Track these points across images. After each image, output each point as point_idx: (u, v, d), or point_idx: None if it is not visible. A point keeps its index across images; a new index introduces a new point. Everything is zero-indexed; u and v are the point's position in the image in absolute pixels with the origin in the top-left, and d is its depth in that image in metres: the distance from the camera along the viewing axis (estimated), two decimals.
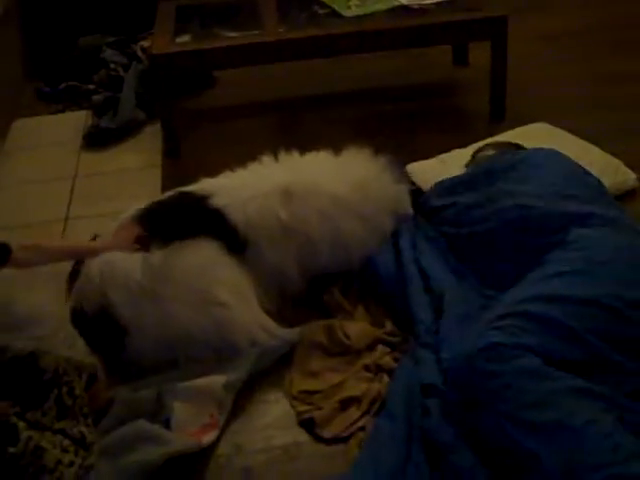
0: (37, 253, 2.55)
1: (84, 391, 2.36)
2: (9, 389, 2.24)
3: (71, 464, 2.17)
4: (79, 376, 2.37)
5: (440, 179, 3.14)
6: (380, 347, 2.61)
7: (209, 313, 2.59)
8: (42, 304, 2.67)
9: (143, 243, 2.67)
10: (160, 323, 2.57)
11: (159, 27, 4.05)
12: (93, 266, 2.65)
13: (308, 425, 2.39)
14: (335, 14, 4.00)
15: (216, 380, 2.49)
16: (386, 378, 2.49)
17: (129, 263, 2.63)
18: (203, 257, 2.66)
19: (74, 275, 2.73)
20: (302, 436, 2.35)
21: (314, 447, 2.31)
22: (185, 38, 4.01)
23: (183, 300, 2.59)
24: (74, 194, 3.75)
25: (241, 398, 2.49)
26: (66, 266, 2.78)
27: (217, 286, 2.63)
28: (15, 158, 4.13)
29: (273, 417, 2.43)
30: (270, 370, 2.59)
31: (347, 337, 2.64)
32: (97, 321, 2.59)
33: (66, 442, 2.21)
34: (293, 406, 2.47)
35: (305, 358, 2.62)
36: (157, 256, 2.63)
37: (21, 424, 2.15)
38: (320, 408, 2.42)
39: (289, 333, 2.66)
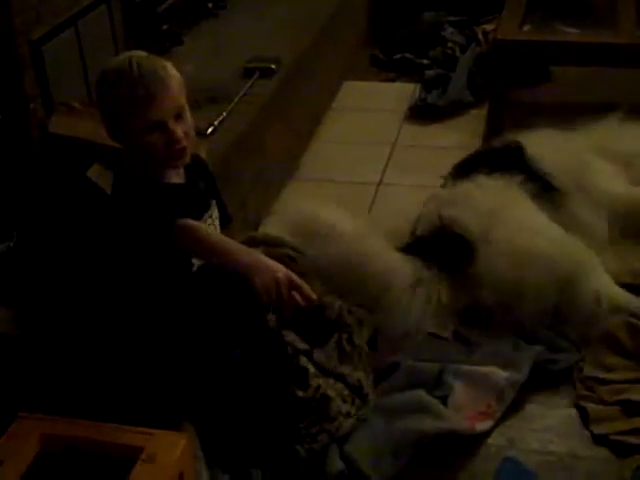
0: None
1: (365, 344, 2.41)
2: (298, 325, 2.31)
3: (348, 414, 2.23)
4: (359, 326, 2.43)
5: None
6: None
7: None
8: None
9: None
10: (512, 236, 2.60)
11: (507, 13, 4.01)
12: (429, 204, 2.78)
13: (582, 413, 2.34)
14: None
15: (499, 372, 2.45)
16: None
17: (460, 190, 2.80)
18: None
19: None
20: (581, 449, 2.25)
21: (591, 463, 2.21)
22: (531, 27, 3.94)
23: (538, 224, 2.67)
24: (390, 161, 3.83)
25: (520, 396, 2.42)
26: None
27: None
28: (341, 117, 4.29)
29: (553, 422, 2.35)
30: (554, 374, 2.50)
31: None
32: (438, 238, 2.69)
33: (346, 392, 2.27)
34: (575, 387, 2.43)
35: (600, 350, 2.54)
36: (488, 180, 2.78)
37: (311, 369, 2.23)
38: (602, 401, 2.36)
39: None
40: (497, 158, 2.91)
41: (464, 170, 2.96)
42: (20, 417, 1.80)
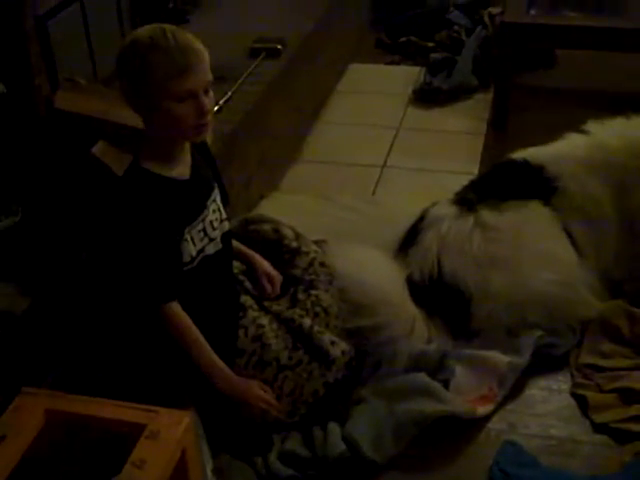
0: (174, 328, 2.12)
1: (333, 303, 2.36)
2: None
3: (288, 368, 2.18)
4: (329, 283, 2.39)
5: None
6: None
7: (558, 278, 2.54)
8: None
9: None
10: (511, 287, 2.52)
11: None
12: (428, 234, 2.65)
13: (580, 401, 2.34)
14: None
15: (501, 357, 2.45)
16: None
17: (461, 227, 2.62)
18: (543, 218, 2.63)
19: (407, 240, 2.74)
20: (582, 434, 2.26)
21: (592, 448, 2.22)
22: (538, 11, 3.92)
23: (536, 263, 2.55)
24: (394, 144, 3.82)
25: (521, 380, 2.43)
26: None
27: (560, 252, 2.60)
28: (346, 99, 4.28)
29: (554, 406, 2.36)
30: (555, 359, 2.51)
31: None
32: (437, 289, 2.58)
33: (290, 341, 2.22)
34: (572, 375, 2.43)
35: (598, 337, 2.54)
36: (491, 217, 2.61)
37: (249, 301, 2.24)
38: (600, 388, 2.37)
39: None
40: (509, 180, 2.76)
41: (474, 192, 2.78)
42: (24, 392, 1.80)
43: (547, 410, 2.35)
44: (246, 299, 2.24)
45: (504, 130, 3.84)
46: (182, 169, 2.08)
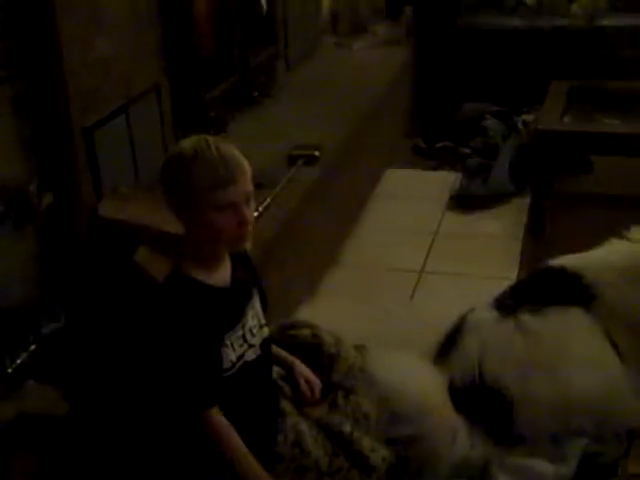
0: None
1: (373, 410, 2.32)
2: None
3: (330, 475, 2.15)
4: (369, 389, 2.35)
5: None
6: None
7: (602, 383, 2.51)
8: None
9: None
10: (554, 393, 2.50)
11: (548, 104, 4.07)
12: (469, 338, 2.65)
13: None
14: None
15: (546, 465, 2.40)
16: None
17: (502, 332, 2.61)
18: (585, 324, 2.61)
19: (447, 345, 2.73)
20: None
21: None
22: (572, 118, 3.97)
23: (579, 368, 2.52)
24: (432, 249, 3.84)
25: None
26: None
27: (603, 358, 2.57)
28: (382, 204, 4.33)
29: None
30: (602, 468, 2.44)
31: None
32: (478, 394, 2.55)
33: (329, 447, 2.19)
34: None
35: None
36: (532, 321, 2.59)
37: (287, 408, 2.21)
38: None
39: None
40: (547, 287, 2.75)
41: (513, 297, 2.77)
42: None
43: None
44: (285, 405, 2.23)
45: (542, 235, 3.84)
46: (222, 275, 2.10)
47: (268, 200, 3.09)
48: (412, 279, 3.58)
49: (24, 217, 2.25)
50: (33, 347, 2.18)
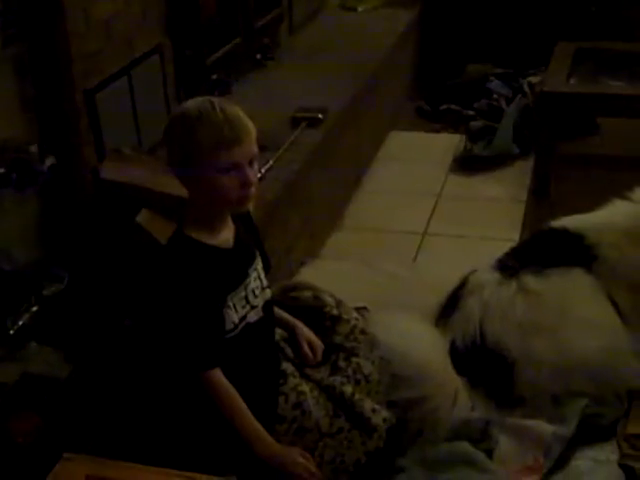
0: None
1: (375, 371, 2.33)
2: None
3: (330, 435, 2.16)
4: (370, 351, 2.36)
5: None
6: None
7: (603, 344, 2.52)
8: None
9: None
10: (555, 354, 2.51)
11: (554, 65, 4.04)
12: (470, 300, 2.65)
13: (628, 473, 2.27)
14: None
15: (546, 426, 2.41)
16: None
17: (503, 293, 2.62)
18: (587, 285, 2.61)
19: (448, 307, 2.73)
20: None
21: None
22: (578, 80, 3.94)
23: (580, 329, 2.53)
24: (435, 211, 3.84)
25: (568, 450, 2.38)
26: None
27: (604, 318, 2.58)
28: (386, 167, 4.32)
29: (601, 478, 2.29)
30: (602, 428, 2.45)
31: None
32: (479, 356, 2.56)
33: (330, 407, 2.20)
34: (619, 446, 2.37)
35: None
36: (534, 282, 2.60)
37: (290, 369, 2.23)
38: None
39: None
40: (550, 248, 2.75)
41: (515, 259, 2.76)
42: (65, 457, 1.81)
43: None
44: (287, 366, 2.24)
45: (546, 197, 3.84)
46: (225, 237, 2.10)
47: (271, 162, 3.09)
48: (415, 241, 3.59)
49: (26, 179, 2.25)
50: (35, 309, 2.19)
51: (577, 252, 2.67)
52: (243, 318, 2.11)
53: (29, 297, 2.22)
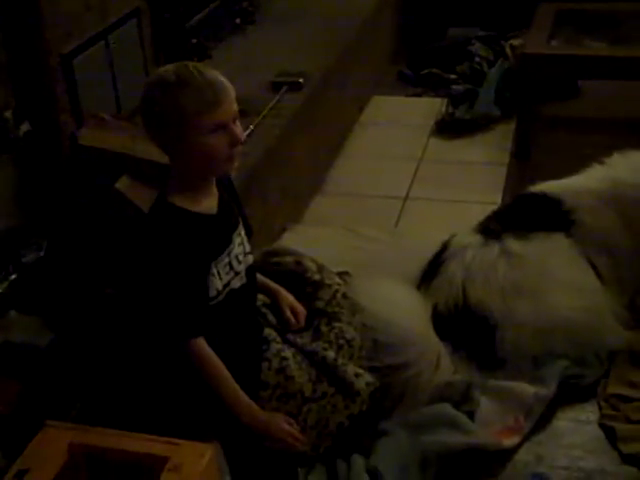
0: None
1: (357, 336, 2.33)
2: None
3: (312, 400, 2.17)
4: (352, 316, 2.37)
5: None
6: None
7: (584, 305, 2.54)
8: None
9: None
10: (536, 316, 2.53)
11: (535, 28, 4.01)
12: (452, 263, 2.66)
13: (608, 433, 2.31)
14: None
15: (527, 387, 2.43)
16: None
17: (485, 256, 2.63)
18: (566, 248, 2.64)
19: (431, 271, 2.73)
20: (611, 466, 2.22)
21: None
22: (560, 42, 3.93)
23: (561, 291, 2.55)
24: (417, 176, 3.83)
25: (548, 411, 2.40)
26: None
27: (584, 280, 2.61)
28: (368, 131, 4.30)
29: (582, 438, 2.33)
30: (582, 389, 2.49)
31: None
32: (462, 318, 2.58)
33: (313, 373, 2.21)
34: (600, 407, 2.40)
35: (626, 366, 2.52)
36: (516, 245, 2.62)
37: (273, 334, 2.23)
38: (628, 419, 2.34)
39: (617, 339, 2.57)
40: (531, 212, 2.77)
41: (497, 222, 2.78)
42: (47, 425, 1.81)
43: (574, 442, 2.31)
44: (269, 332, 2.24)
45: (527, 160, 3.83)
46: (209, 203, 2.09)
47: (252, 127, 3.08)
48: (397, 206, 3.58)
49: (1, 145, 2.23)
50: (14, 277, 2.18)
51: (556, 217, 2.69)
52: (227, 285, 2.11)
53: (7, 265, 2.21)
